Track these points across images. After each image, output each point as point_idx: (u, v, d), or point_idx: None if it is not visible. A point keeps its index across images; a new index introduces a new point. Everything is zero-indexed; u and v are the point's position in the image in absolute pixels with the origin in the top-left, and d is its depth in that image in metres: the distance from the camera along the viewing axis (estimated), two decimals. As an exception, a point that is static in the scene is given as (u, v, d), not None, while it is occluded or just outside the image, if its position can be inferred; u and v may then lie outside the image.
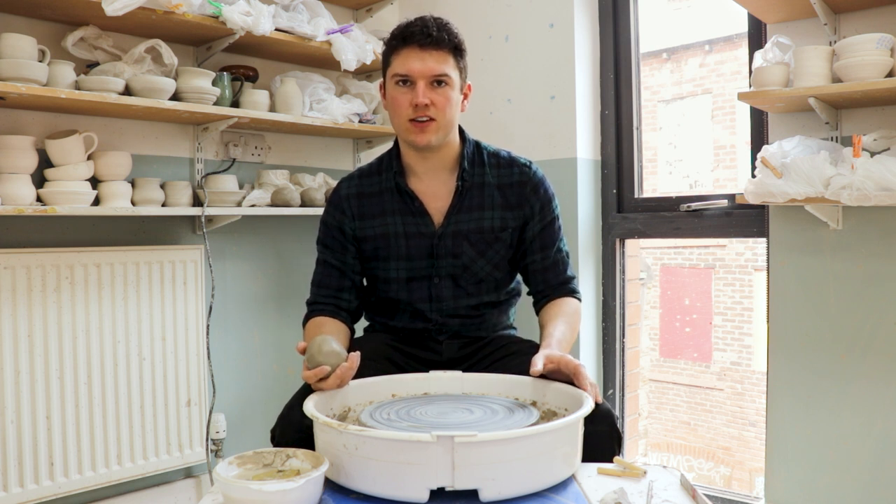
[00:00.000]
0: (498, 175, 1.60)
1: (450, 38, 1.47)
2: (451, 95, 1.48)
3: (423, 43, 1.45)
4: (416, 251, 1.57)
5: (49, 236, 2.05)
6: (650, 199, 2.48)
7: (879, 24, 1.83)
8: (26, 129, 1.98)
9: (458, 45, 1.49)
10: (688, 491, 1.09)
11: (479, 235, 1.57)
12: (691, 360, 7.45)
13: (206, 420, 2.30)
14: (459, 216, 1.56)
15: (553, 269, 1.61)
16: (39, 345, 1.96)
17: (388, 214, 1.58)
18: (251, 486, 0.98)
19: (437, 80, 1.46)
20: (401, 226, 1.57)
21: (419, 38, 1.45)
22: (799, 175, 1.78)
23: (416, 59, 1.45)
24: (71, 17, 1.99)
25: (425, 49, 1.45)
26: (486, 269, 1.59)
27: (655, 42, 7.55)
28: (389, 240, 1.57)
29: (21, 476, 1.92)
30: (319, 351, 1.26)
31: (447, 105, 1.48)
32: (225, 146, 2.44)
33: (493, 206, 1.57)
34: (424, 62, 1.45)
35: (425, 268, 1.58)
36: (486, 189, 1.58)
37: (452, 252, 1.56)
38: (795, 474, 2.04)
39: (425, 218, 1.57)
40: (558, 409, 1.30)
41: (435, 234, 1.56)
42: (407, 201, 1.57)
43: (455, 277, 1.57)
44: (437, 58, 1.46)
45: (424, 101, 1.45)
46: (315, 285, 1.62)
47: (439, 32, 1.46)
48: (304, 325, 1.59)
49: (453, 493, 1.01)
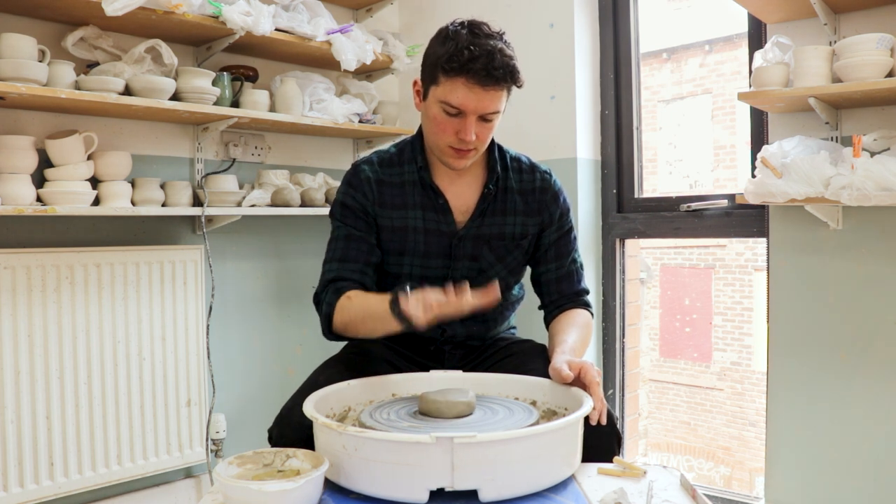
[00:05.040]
0: (520, 181, 1.57)
1: (512, 77, 1.36)
2: (495, 125, 1.43)
3: (485, 82, 1.33)
4: (435, 249, 1.52)
5: (49, 236, 2.05)
6: (650, 199, 2.48)
7: (879, 24, 1.83)
8: (26, 129, 1.98)
9: (516, 81, 1.38)
10: (688, 491, 1.09)
11: (500, 242, 1.54)
12: (691, 360, 7.45)
13: (206, 420, 2.30)
14: (483, 220, 1.53)
15: (567, 279, 1.60)
16: (39, 345, 1.96)
17: (409, 208, 1.52)
18: (251, 486, 0.98)
19: (488, 118, 1.40)
20: (421, 221, 1.51)
21: (482, 76, 1.33)
22: (799, 175, 1.78)
23: (473, 97, 1.35)
24: (71, 17, 1.99)
25: (486, 88, 1.34)
26: (502, 274, 1.56)
27: (655, 42, 7.55)
28: (407, 234, 1.51)
29: (21, 476, 1.92)
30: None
31: (489, 135, 1.43)
32: (225, 146, 2.44)
33: (515, 213, 1.54)
34: (481, 101, 1.36)
35: (441, 268, 1.53)
36: (509, 194, 1.55)
37: (471, 255, 1.53)
38: (795, 474, 2.04)
39: (448, 216, 1.52)
40: (558, 408, 1.30)
41: (456, 233, 1.52)
42: (431, 196, 1.52)
43: (470, 280, 1.43)
44: (494, 97, 1.36)
45: (471, 137, 1.39)
46: (337, 260, 1.49)
47: (503, 72, 1.34)
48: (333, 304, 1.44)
49: (453, 493, 1.01)
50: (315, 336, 2.59)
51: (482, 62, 1.32)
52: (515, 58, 1.38)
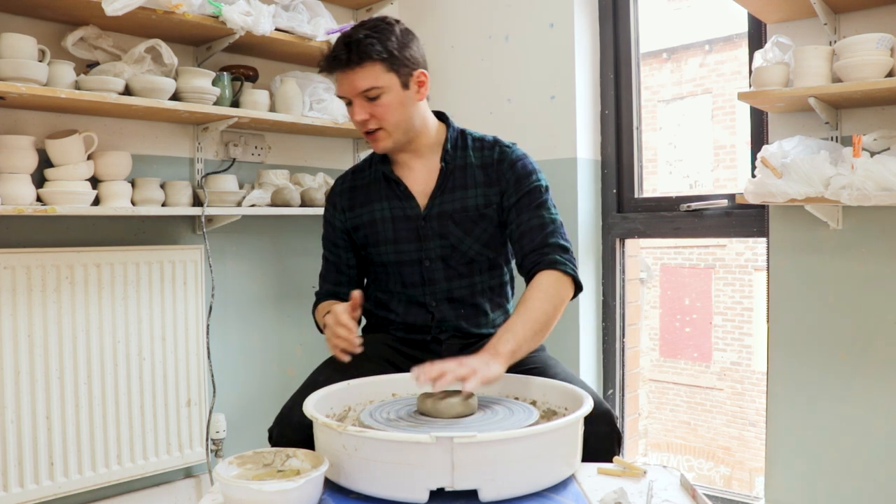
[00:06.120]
0: (481, 157, 1.61)
1: (362, 55, 1.46)
2: (388, 102, 1.49)
3: (342, 67, 1.48)
4: (404, 234, 1.59)
5: (49, 236, 2.05)
6: (650, 199, 2.48)
7: (879, 24, 1.83)
8: (26, 129, 1.98)
9: (377, 54, 1.46)
10: (688, 491, 1.09)
11: (463, 214, 1.58)
12: (691, 360, 7.45)
13: (206, 420, 2.30)
14: (443, 197, 1.59)
15: (528, 234, 1.53)
16: (39, 345, 1.96)
17: (375, 202, 1.63)
18: (251, 486, 0.98)
19: (368, 95, 1.48)
20: (388, 210, 1.61)
21: (337, 63, 1.48)
22: (799, 175, 1.78)
23: (344, 81, 1.50)
24: (71, 17, 1.99)
25: (345, 72, 1.48)
26: (474, 248, 1.59)
27: (655, 42, 7.55)
28: (377, 225, 1.62)
29: (21, 476, 1.92)
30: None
31: (387, 112, 1.50)
32: (225, 146, 2.44)
33: (475, 185, 1.59)
34: (351, 82, 1.48)
35: (414, 251, 1.59)
36: (469, 170, 1.60)
37: (439, 233, 1.58)
38: (795, 474, 2.04)
39: (411, 201, 1.60)
40: (558, 408, 1.30)
41: (420, 216, 1.59)
42: (393, 187, 1.62)
43: (445, 259, 1.59)
44: (360, 75, 1.47)
45: (361, 118, 1.50)
46: (320, 278, 1.74)
47: (350, 53, 1.46)
48: (313, 313, 1.72)
49: (453, 493, 1.01)
50: (315, 336, 2.60)
51: (335, 52, 1.49)
52: (377, 35, 1.48)
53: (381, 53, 1.46)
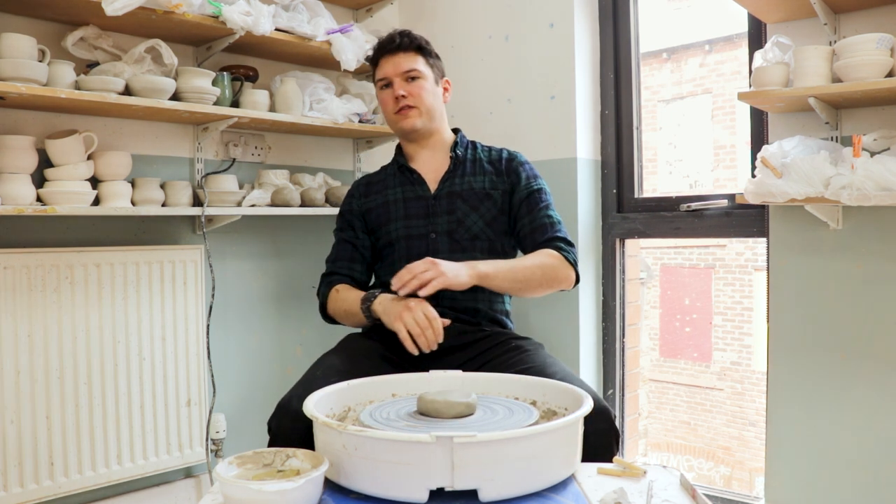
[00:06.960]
0: (489, 155, 1.85)
1: (412, 41, 1.77)
2: (424, 85, 1.77)
3: (391, 49, 1.77)
4: (414, 211, 1.77)
5: (49, 236, 2.05)
6: (650, 199, 2.48)
7: (879, 24, 1.83)
8: (26, 129, 1.98)
9: (421, 46, 1.79)
10: (688, 491, 1.09)
11: (471, 193, 1.77)
12: (691, 360, 7.46)
13: (206, 420, 2.30)
14: (453, 181, 1.79)
15: (540, 230, 1.73)
16: (39, 345, 1.96)
17: (389, 188, 1.83)
18: (251, 486, 0.98)
19: (410, 76, 1.76)
20: (400, 193, 1.81)
21: (388, 46, 1.77)
22: (799, 175, 1.78)
23: (389, 63, 1.77)
24: (71, 17, 1.99)
25: (394, 54, 1.77)
26: (479, 224, 1.75)
27: (655, 42, 7.56)
28: (389, 205, 1.80)
29: (21, 476, 1.92)
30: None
31: (422, 92, 1.76)
32: (225, 146, 2.44)
33: (483, 173, 1.81)
34: (396, 64, 1.76)
35: (423, 226, 1.76)
36: (478, 163, 1.83)
37: (447, 209, 1.76)
38: (795, 474, 2.04)
39: (423, 186, 1.80)
40: (558, 408, 1.30)
41: (430, 196, 1.79)
42: (406, 175, 1.82)
43: (451, 233, 1.74)
44: (406, 58, 1.76)
45: (401, 93, 1.75)
46: (331, 261, 1.84)
47: (402, 39, 1.77)
48: (326, 295, 1.78)
49: (453, 493, 1.01)
50: (315, 336, 2.61)
51: (387, 39, 1.79)
52: (422, 40, 1.80)
53: (425, 49, 1.80)
